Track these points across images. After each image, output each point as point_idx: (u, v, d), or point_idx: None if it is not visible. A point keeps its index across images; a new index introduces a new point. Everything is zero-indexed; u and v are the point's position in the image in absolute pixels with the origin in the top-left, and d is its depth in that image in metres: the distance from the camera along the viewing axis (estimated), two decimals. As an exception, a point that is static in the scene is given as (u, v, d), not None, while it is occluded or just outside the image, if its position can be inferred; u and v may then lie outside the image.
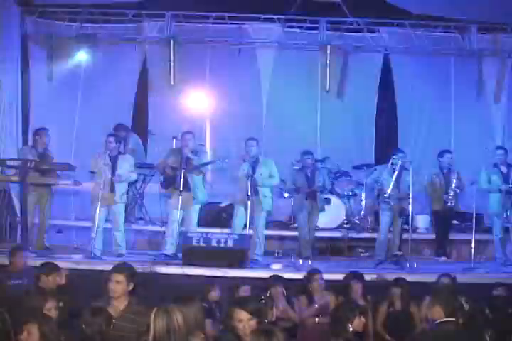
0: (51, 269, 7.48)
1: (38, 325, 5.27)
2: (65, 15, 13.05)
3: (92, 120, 13.11)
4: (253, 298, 6.72)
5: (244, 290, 8.03)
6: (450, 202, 11.00)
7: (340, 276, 8.76)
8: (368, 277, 8.65)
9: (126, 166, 10.43)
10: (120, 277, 5.83)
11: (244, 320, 5.02)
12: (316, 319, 7.98)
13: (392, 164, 10.73)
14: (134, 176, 10.72)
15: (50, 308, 6.07)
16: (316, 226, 11.72)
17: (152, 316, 4.73)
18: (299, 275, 8.88)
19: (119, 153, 10.62)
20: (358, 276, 8.32)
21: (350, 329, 5.39)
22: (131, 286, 5.90)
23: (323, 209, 11.60)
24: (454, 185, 10.93)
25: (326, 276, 8.50)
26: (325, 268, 9.02)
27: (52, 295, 6.48)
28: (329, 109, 13.77)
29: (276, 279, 8.31)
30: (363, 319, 5.60)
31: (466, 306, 6.37)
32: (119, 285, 5.81)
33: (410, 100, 13.99)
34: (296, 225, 11.94)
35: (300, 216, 11.31)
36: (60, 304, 6.60)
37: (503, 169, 10.82)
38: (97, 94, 13.32)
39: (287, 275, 8.74)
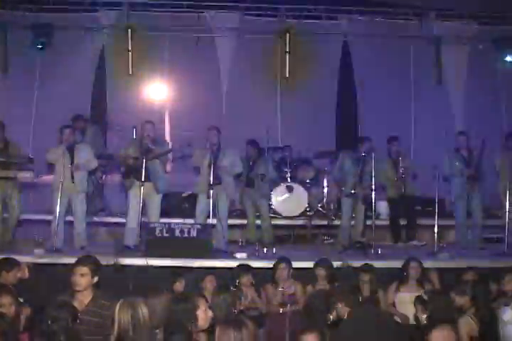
0: (12, 265, 7.35)
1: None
2: (20, 5, 12.79)
3: (49, 111, 12.90)
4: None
5: (209, 280, 7.99)
6: (402, 189, 11.09)
7: (304, 264, 8.78)
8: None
9: (84, 155, 10.28)
10: (84, 270, 5.76)
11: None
12: (281, 309, 7.96)
13: (357, 152, 10.77)
14: (93, 164, 10.53)
15: (5, 304, 5.95)
16: (275, 214, 11.74)
17: (116, 309, 4.67)
18: (264, 264, 8.87)
19: (76, 143, 10.47)
20: (324, 263, 8.31)
21: (331, 319, 5.37)
22: (95, 279, 5.83)
23: (268, 197, 11.67)
24: (400, 172, 11.02)
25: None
26: (289, 256, 8.97)
27: (8, 290, 6.36)
28: (289, 96, 13.71)
29: (244, 268, 8.27)
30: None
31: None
32: (83, 278, 5.74)
33: (370, 87, 14.01)
34: (257, 213, 12.00)
35: (244, 203, 11.53)
36: (21, 300, 6.49)
37: (465, 154, 10.90)
38: (54, 85, 13.12)
39: (252, 264, 8.70)
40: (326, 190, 12.77)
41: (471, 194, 10.83)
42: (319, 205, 12.62)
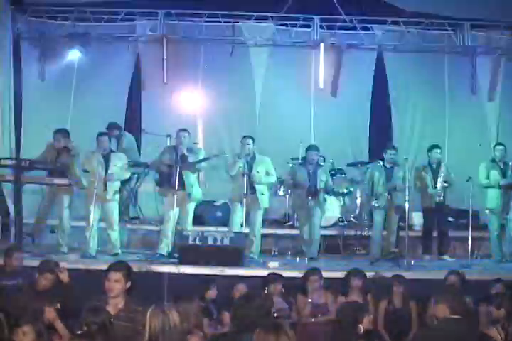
0: (46, 269, 7.44)
1: (33, 326, 5.25)
2: (57, 14, 12.95)
3: (85, 119, 13.00)
4: None
5: (240, 289, 7.96)
6: (439, 197, 10.98)
7: (335, 274, 8.74)
8: (364, 275, 8.59)
9: (119, 164, 10.42)
10: (118, 275, 5.79)
11: None
12: (313, 319, 7.93)
13: (383, 161, 10.79)
14: (127, 174, 10.73)
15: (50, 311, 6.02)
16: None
17: (148, 315, 4.70)
18: (296, 274, 8.84)
19: (112, 151, 10.60)
20: (358, 274, 8.26)
21: (361, 330, 5.34)
22: (128, 285, 5.86)
23: (324, 208, 11.31)
24: (440, 179, 10.92)
25: (323, 274, 8.44)
26: (321, 266, 8.98)
27: (47, 296, 6.43)
28: (323, 106, 13.70)
29: (274, 277, 8.25)
30: (371, 316, 5.56)
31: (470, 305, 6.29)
32: (117, 283, 5.77)
33: (404, 98, 13.97)
34: (291, 223, 11.99)
35: (301, 214, 11.14)
36: (58, 305, 6.54)
37: (501, 165, 10.83)
38: (90, 94, 13.24)
39: (284, 274, 8.68)
40: (358, 200, 12.74)
41: (506, 205, 10.73)
42: (352, 216, 12.59)
